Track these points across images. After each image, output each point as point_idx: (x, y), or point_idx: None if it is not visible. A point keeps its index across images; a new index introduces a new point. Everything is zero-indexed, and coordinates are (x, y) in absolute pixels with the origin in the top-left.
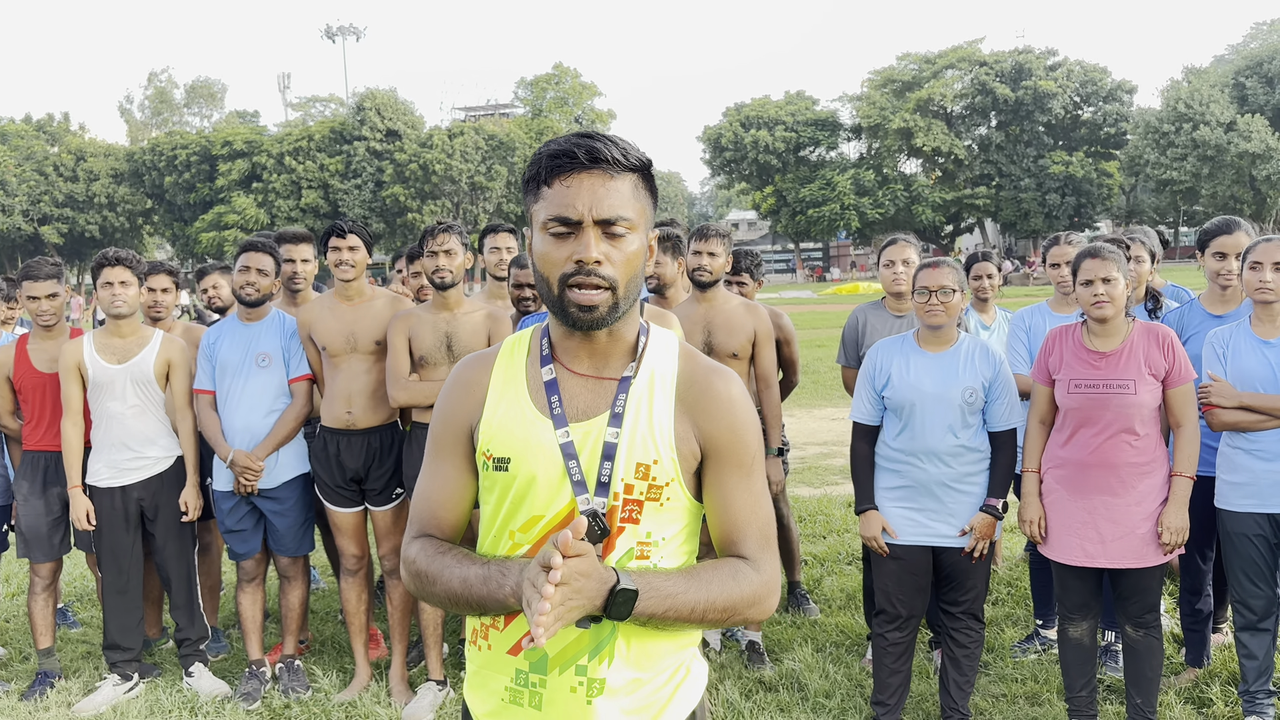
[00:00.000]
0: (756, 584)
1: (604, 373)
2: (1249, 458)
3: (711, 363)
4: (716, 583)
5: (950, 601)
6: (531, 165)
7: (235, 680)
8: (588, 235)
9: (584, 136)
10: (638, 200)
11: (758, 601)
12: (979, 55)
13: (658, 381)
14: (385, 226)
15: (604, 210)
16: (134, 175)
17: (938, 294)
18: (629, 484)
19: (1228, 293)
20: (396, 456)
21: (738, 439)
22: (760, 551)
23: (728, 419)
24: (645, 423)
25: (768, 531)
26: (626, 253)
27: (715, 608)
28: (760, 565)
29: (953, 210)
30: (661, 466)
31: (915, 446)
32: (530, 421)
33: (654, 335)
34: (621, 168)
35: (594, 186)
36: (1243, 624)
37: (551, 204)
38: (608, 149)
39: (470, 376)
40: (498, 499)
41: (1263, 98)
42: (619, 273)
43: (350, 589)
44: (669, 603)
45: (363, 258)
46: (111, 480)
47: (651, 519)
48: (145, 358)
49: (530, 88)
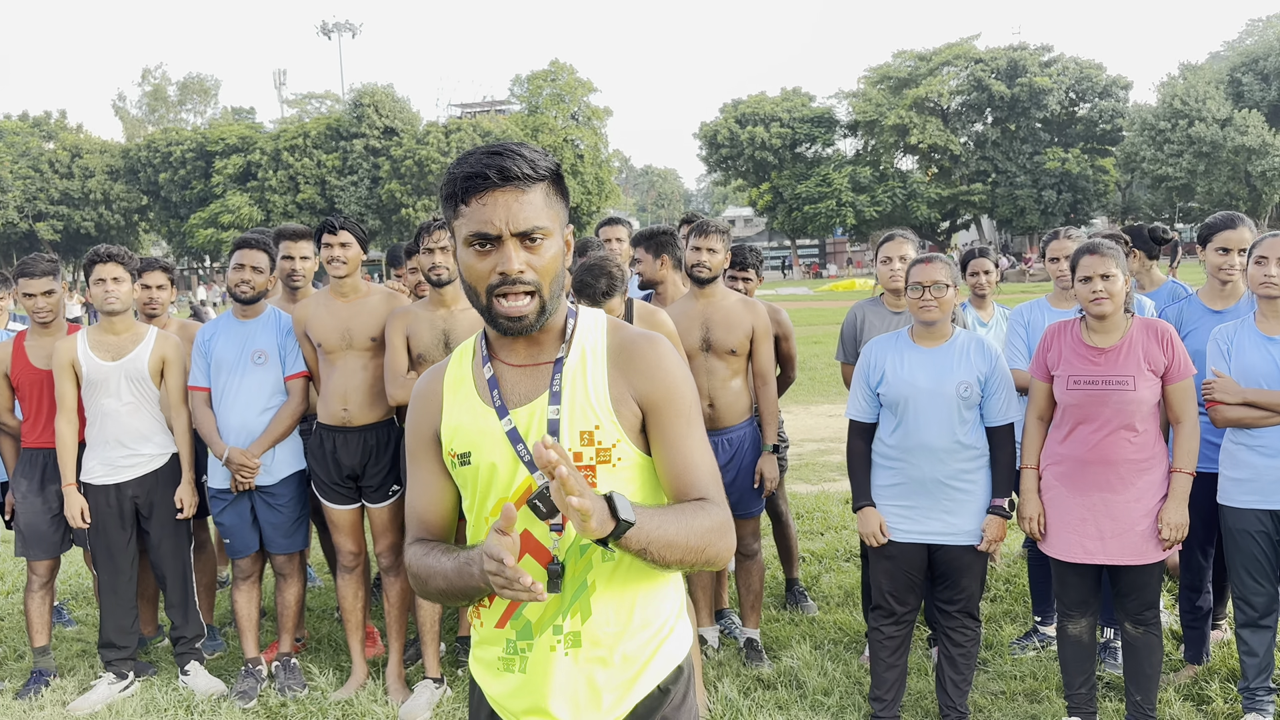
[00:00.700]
0: (721, 520)
1: (539, 359)
2: (1252, 453)
3: (639, 330)
4: (688, 516)
5: (945, 600)
6: (447, 184)
7: (231, 678)
8: (508, 249)
9: (493, 154)
10: (550, 207)
11: (723, 535)
12: (974, 52)
13: (589, 355)
14: (381, 223)
15: (520, 224)
16: (129, 172)
17: (931, 289)
18: (576, 452)
19: (1227, 288)
20: (393, 453)
21: (672, 391)
22: (717, 492)
23: (659, 374)
24: (582, 394)
25: (717, 475)
26: (546, 258)
27: (692, 541)
28: (719, 503)
29: (949, 207)
30: (604, 430)
31: (911, 443)
32: (479, 415)
33: (582, 316)
34: (532, 180)
35: (508, 203)
36: (1244, 620)
37: (471, 221)
38: (517, 165)
39: (426, 388)
40: (470, 491)
41: (1258, 94)
42: (541, 277)
43: (347, 586)
44: (656, 531)
45: (356, 254)
46: (106, 478)
47: (609, 480)
48: (140, 354)
49: (526, 84)
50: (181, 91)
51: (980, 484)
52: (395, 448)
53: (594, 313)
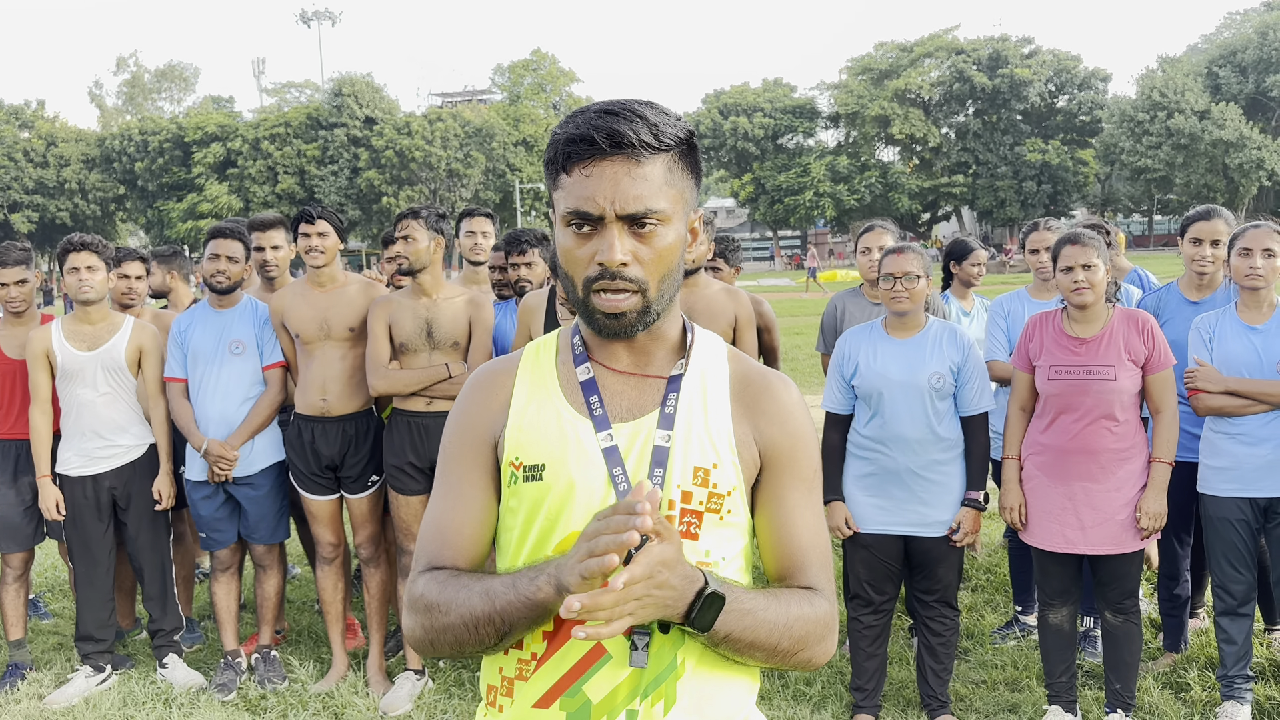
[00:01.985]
0: (826, 616)
1: (648, 370)
2: (1232, 442)
3: (765, 368)
4: (795, 603)
5: (923, 590)
6: (549, 147)
7: (210, 671)
8: (611, 234)
9: (608, 114)
10: (672, 185)
11: (823, 638)
12: (956, 43)
13: (710, 380)
14: (361, 213)
15: (629, 204)
16: (105, 161)
17: (902, 280)
18: (686, 491)
19: (1205, 279)
20: (372, 443)
21: (800, 448)
22: (828, 584)
23: (790, 424)
24: (701, 423)
25: (829, 561)
26: (658, 249)
27: (792, 633)
28: (828, 596)
29: (929, 198)
30: (723, 471)
31: (885, 434)
32: (566, 422)
33: (700, 333)
34: (652, 150)
35: (617, 176)
36: (1222, 609)
37: (570, 195)
38: (634, 130)
39: (491, 380)
40: (527, 516)
41: (1236, 87)
42: (649, 273)
43: (326, 578)
44: (751, 618)
45: (333, 244)
46: (82, 469)
47: (712, 535)
48: (116, 344)
49: (508, 74)
50: (159, 80)
51: (955, 475)
52: (374, 438)
53: (711, 333)
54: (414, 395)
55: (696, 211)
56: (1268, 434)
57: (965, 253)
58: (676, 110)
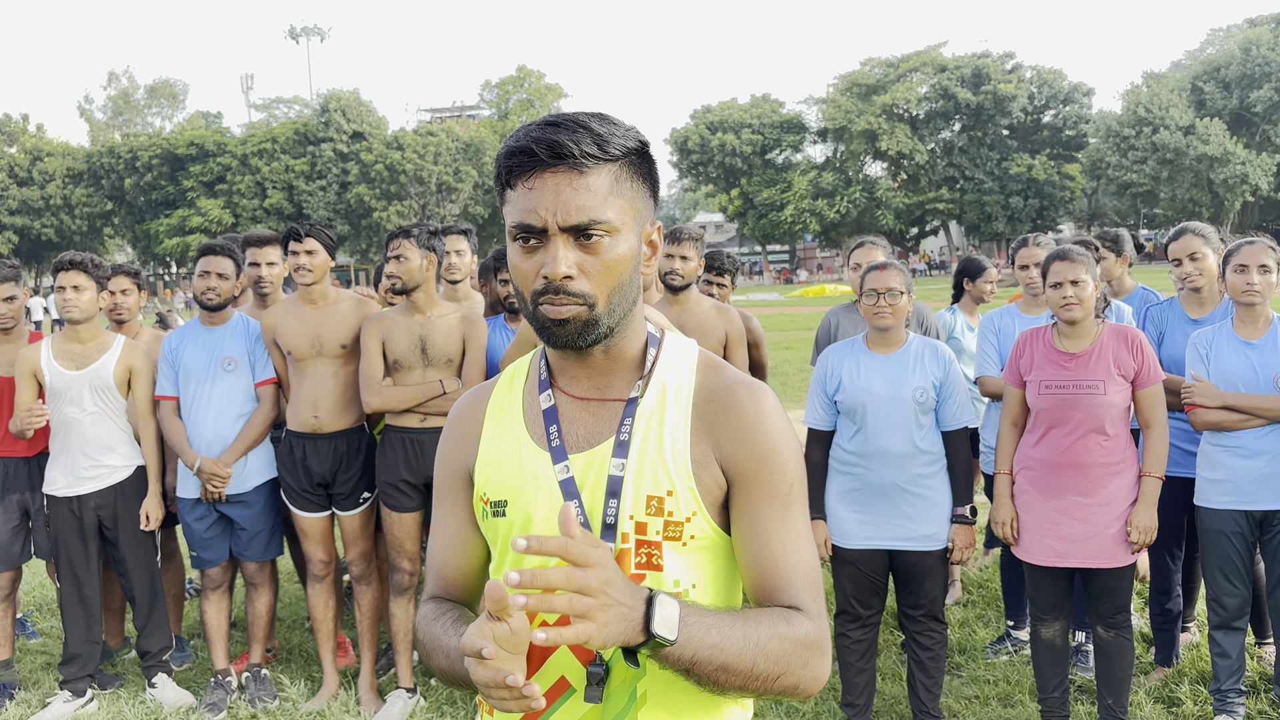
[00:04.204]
0: (812, 633)
1: (607, 394)
2: (1228, 455)
3: (739, 374)
4: (768, 621)
5: (910, 605)
6: (496, 163)
7: (200, 690)
8: (555, 246)
9: (550, 125)
10: (619, 196)
11: (814, 657)
12: (941, 59)
13: (670, 399)
14: (350, 228)
15: (572, 215)
16: (92, 176)
17: (885, 296)
18: (640, 522)
19: (1201, 294)
20: (364, 460)
21: (770, 462)
22: (814, 603)
23: (757, 437)
24: (655, 449)
25: (816, 579)
26: (606, 260)
27: (768, 653)
28: (814, 615)
29: (916, 214)
30: (677, 499)
31: (869, 449)
32: (526, 455)
33: (667, 346)
34: (596, 160)
35: (559, 188)
36: (1216, 622)
37: (515, 209)
38: (575, 141)
39: (466, 414)
40: (500, 550)
41: (1220, 102)
42: (597, 285)
43: (317, 596)
44: (717, 633)
45: (323, 261)
46: (69, 489)
47: (677, 563)
48: (105, 364)
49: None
50: (149, 95)
51: (938, 489)
52: (366, 455)
53: (684, 343)
54: (408, 412)
55: (654, 223)
56: (1263, 447)
57: (979, 271)
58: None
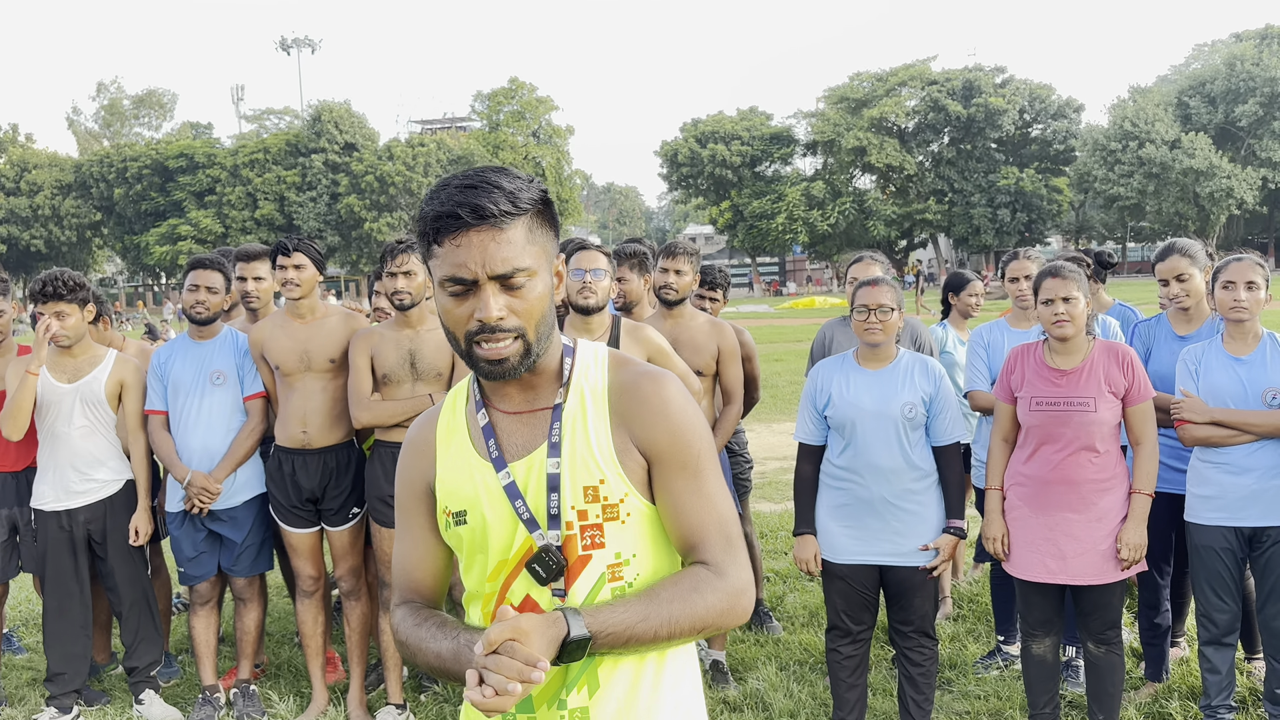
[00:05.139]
0: (722, 591)
1: (536, 405)
2: (1218, 471)
3: (644, 367)
4: (677, 600)
5: (901, 621)
6: (420, 221)
7: (188, 707)
8: (485, 294)
9: (468, 188)
10: (533, 243)
11: (728, 610)
12: (930, 73)
13: (589, 399)
14: (340, 239)
15: (498, 267)
16: (81, 187)
17: (876, 312)
18: (581, 510)
19: (1188, 313)
20: (353, 475)
21: (677, 440)
22: (723, 554)
23: (663, 421)
24: (584, 444)
25: (729, 530)
26: (529, 300)
27: (681, 627)
28: (724, 569)
29: (905, 225)
30: (610, 485)
31: (859, 464)
32: (475, 469)
33: (580, 353)
34: (512, 216)
35: (484, 244)
36: (1207, 638)
37: (445, 264)
38: (494, 202)
39: (418, 436)
40: (467, 553)
41: (1205, 117)
42: (525, 321)
43: (306, 611)
44: (629, 633)
45: (311, 276)
46: (57, 503)
47: (618, 538)
48: (97, 377)
49: (487, 101)
50: (137, 105)
51: (929, 504)
52: (355, 470)
53: (594, 348)
54: (397, 427)
55: (558, 257)
56: (1253, 463)
57: (962, 284)
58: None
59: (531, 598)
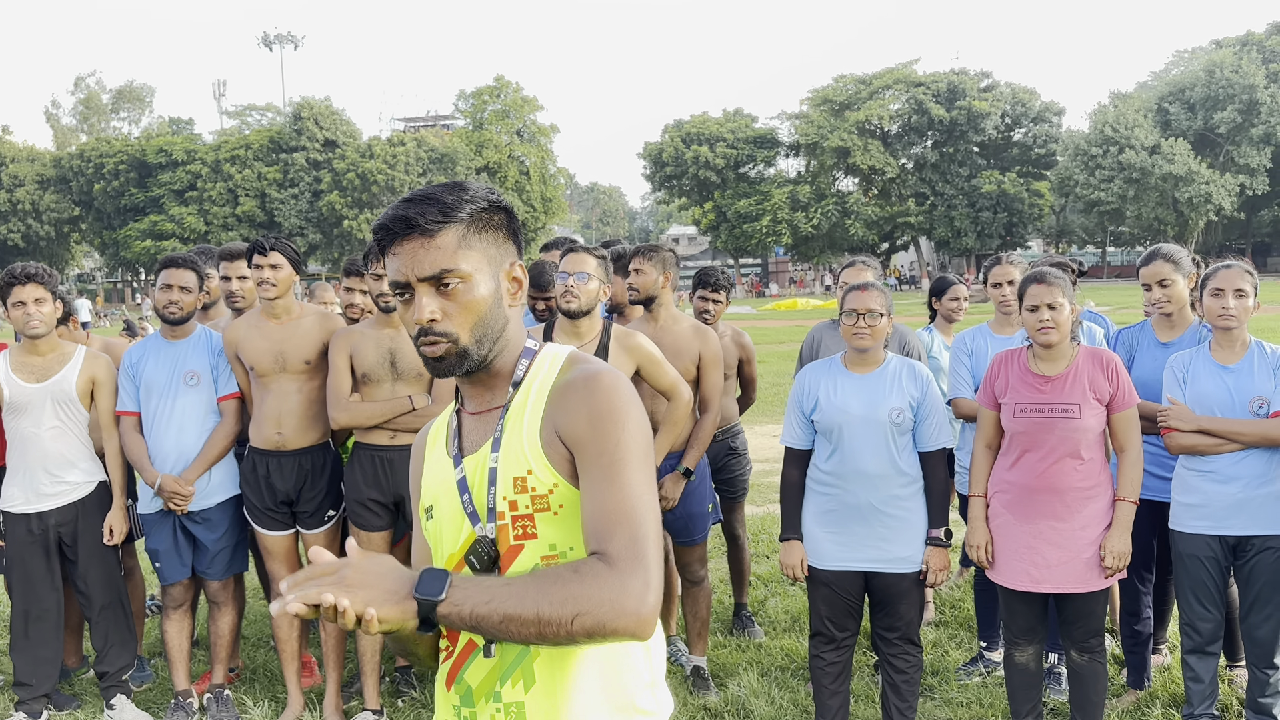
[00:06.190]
0: (606, 584)
1: (491, 405)
2: (1203, 479)
3: (592, 365)
4: (549, 579)
5: (885, 627)
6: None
7: (160, 712)
8: (418, 297)
9: (406, 202)
10: (469, 248)
11: (610, 604)
12: (914, 76)
13: (533, 396)
14: (322, 236)
15: (425, 269)
16: (61, 182)
17: (865, 317)
18: (511, 500)
19: (1171, 320)
20: (329, 477)
21: (595, 429)
22: (624, 550)
23: (583, 409)
24: (516, 438)
25: (638, 530)
26: (463, 302)
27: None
28: (613, 560)
29: (886, 228)
30: (536, 476)
31: (845, 469)
32: (443, 466)
33: (540, 356)
34: (441, 224)
35: (414, 251)
36: (1190, 647)
37: (390, 272)
38: (421, 213)
39: (421, 440)
40: (434, 547)
41: (1185, 123)
42: (458, 324)
43: (282, 615)
44: (487, 595)
45: (287, 275)
46: (27, 505)
47: (550, 530)
48: (67, 376)
49: (471, 100)
50: (116, 99)
51: (915, 510)
52: (331, 472)
53: (556, 350)
54: (376, 429)
55: (513, 263)
56: (1238, 472)
57: (943, 289)
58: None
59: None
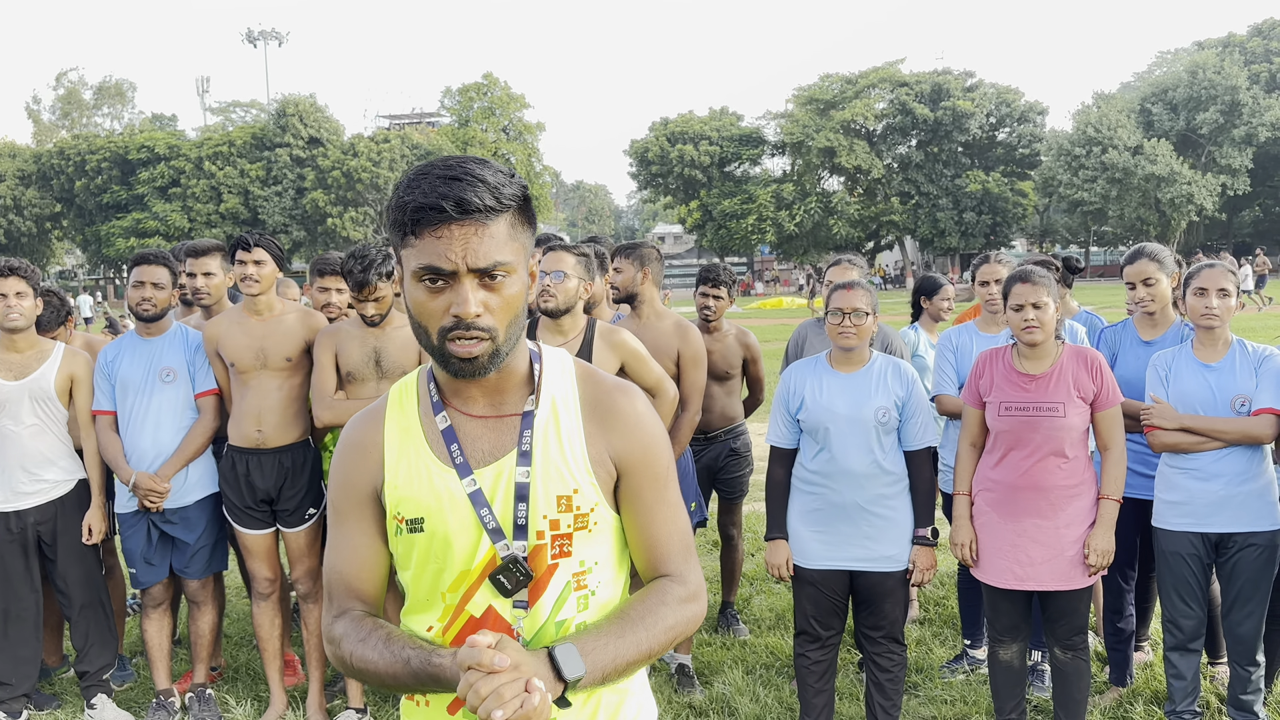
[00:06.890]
0: (684, 595)
1: (503, 410)
2: (1186, 477)
3: (612, 380)
4: (648, 616)
5: (870, 626)
6: (395, 211)
7: (141, 711)
8: (464, 288)
9: (450, 180)
10: (514, 239)
11: (695, 616)
12: (900, 76)
13: (562, 409)
14: (306, 234)
15: (480, 260)
16: (42, 178)
17: (851, 316)
18: (553, 519)
19: (1154, 318)
20: (309, 475)
21: (650, 454)
22: (683, 564)
23: (638, 435)
24: (558, 454)
25: (687, 540)
26: (506, 297)
27: (655, 640)
28: (685, 579)
29: (871, 227)
30: (583, 494)
31: (831, 468)
32: (436, 475)
33: (548, 361)
34: (496, 212)
35: (467, 238)
36: (1172, 644)
37: (422, 254)
38: (479, 196)
39: (362, 437)
40: (419, 561)
41: (1167, 124)
42: (499, 320)
43: (263, 614)
44: (612, 652)
45: (270, 272)
46: (6, 504)
47: (584, 547)
48: (45, 373)
49: (457, 97)
50: (97, 95)
51: (901, 509)
52: (312, 470)
53: (558, 355)
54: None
55: (534, 256)
56: (1220, 470)
57: (935, 288)
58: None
59: (495, 609)
